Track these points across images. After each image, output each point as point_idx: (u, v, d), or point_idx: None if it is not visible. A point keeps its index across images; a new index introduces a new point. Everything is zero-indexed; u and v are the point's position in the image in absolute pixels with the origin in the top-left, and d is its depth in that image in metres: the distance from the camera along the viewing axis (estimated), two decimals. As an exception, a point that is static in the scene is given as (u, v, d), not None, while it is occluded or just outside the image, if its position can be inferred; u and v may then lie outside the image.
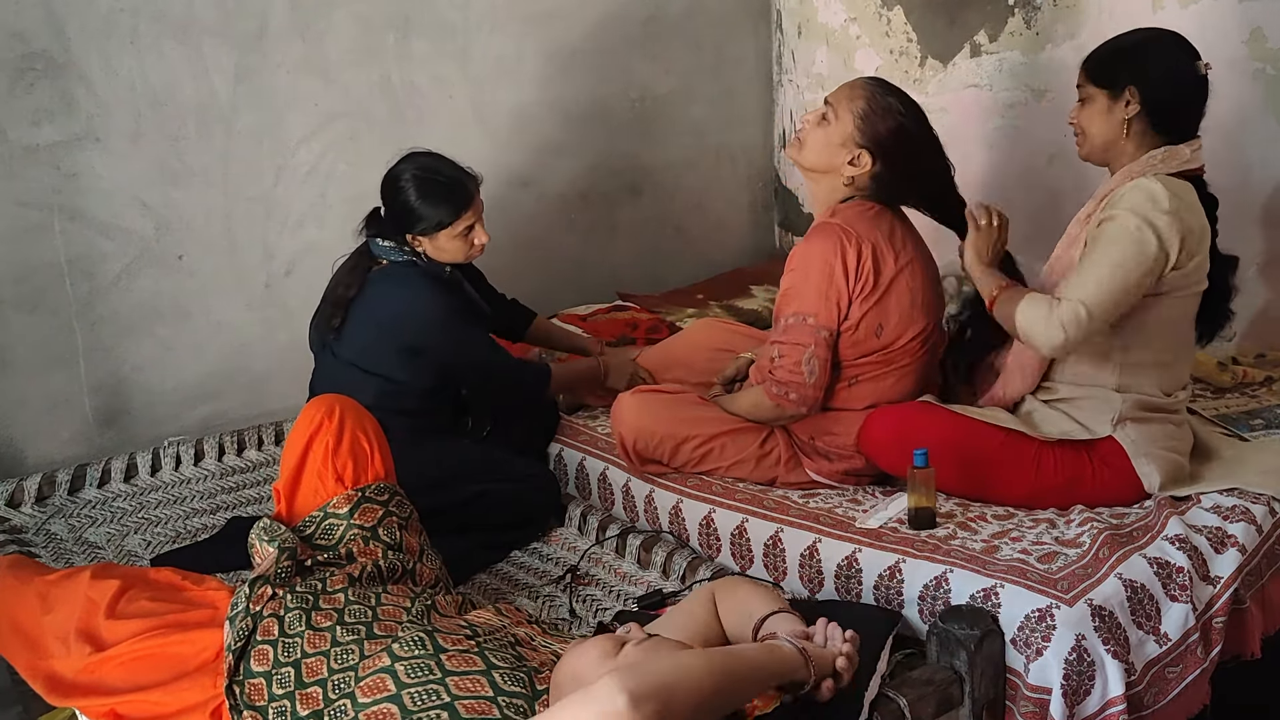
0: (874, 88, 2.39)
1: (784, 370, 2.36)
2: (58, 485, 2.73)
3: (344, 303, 2.58)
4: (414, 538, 2.08)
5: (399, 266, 2.58)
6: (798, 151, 2.44)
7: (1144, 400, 2.26)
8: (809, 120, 2.41)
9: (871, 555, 2.14)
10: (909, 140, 2.36)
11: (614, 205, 3.88)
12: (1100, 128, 2.27)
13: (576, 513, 2.53)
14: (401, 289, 2.55)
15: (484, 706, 1.54)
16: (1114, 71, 2.24)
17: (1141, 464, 2.23)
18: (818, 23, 3.93)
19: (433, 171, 2.56)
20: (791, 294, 2.38)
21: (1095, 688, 1.90)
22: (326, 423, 2.06)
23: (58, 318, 2.87)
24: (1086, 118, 2.29)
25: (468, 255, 2.62)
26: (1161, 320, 2.23)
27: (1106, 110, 2.25)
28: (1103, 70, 2.26)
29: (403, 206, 2.54)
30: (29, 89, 2.75)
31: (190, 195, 3.01)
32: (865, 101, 2.35)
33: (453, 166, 2.58)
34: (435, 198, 2.53)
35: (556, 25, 3.60)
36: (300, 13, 3.09)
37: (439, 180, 2.55)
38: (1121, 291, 2.13)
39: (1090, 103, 2.28)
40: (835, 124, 2.37)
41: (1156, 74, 2.22)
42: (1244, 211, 3.03)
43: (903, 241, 2.40)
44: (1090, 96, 2.28)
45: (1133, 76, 2.22)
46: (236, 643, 1.75)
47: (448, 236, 2.55)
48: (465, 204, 2.55)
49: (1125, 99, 2.22)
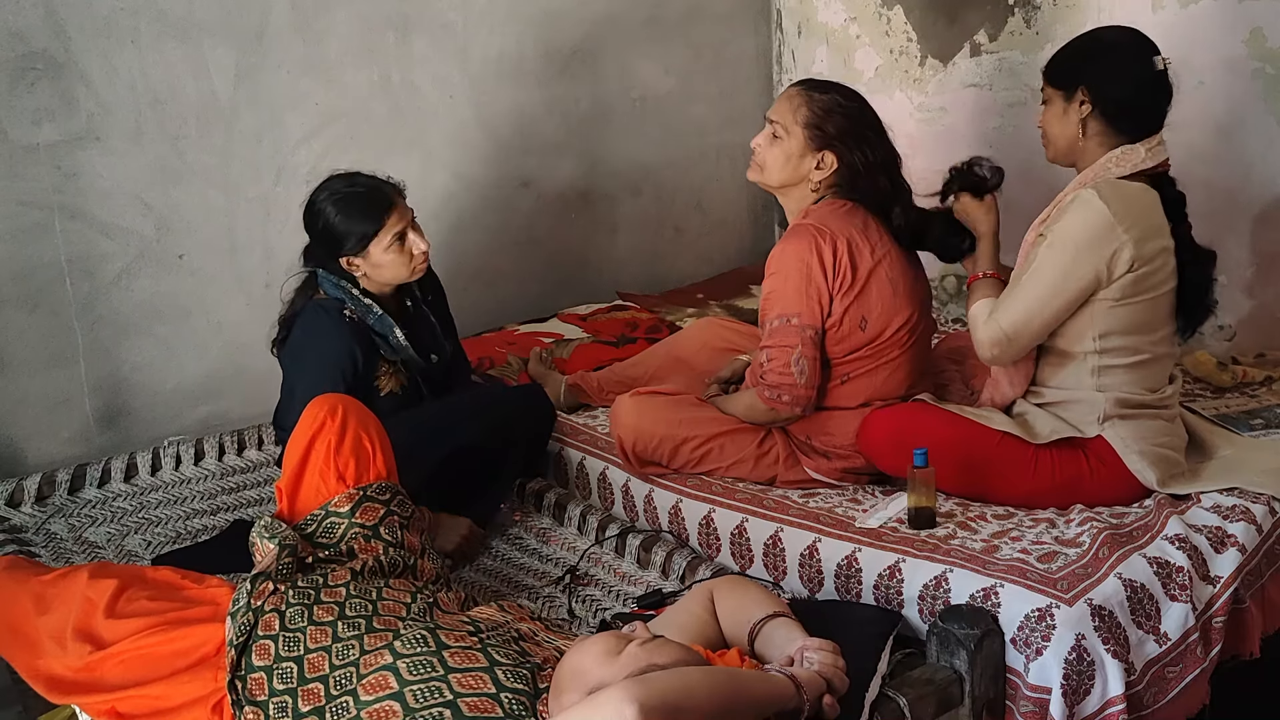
0: (810, 90, 2.41)
1: (774, 373, 2.37)
2: (58, 485, 2.73)
3: (285, 321, 2.53)
4: (415, 536, 2.08)
5: (322, 303, 2.48)
6: (759, 174, 2.45)
7: (1126, 398, 2.26)
8: (760, 143, 2.43)
9: (871, 555, 2.15)
10: (860, 124, 2.38)
11: (614, 205, 3.89)
12: (1059, 129, 2.29)
13: (576, 512, 2.53)
14: (308, 322, 2.46)
15: (487, 703, 1.54)
16: (1068, 72, 2.27)
17: (1134, 461, 2.23)
18: (818, 22, 3.93)
19: (347, 185, 2.48)
20: (774, 297, 2.38)
21: (1095, 687, 1.90)
22: (329, 422, 2.06)
23: (58, 317, 2.87)
24: (1047, 120, 2.32)
25: (411, 269, 2.49)
26: (1133, 322, 2.24)
27: (1063, 112, 2.27)
28: (1058, 71, 2.29)
29: (325, 230, 2.45)
30: (29, 89, 2.75)
31: (190, 195, 3.01)
32: (807, 107, 2.37)
33: (368, 177, 2.50)
34: (353, 211, 2.44)
35: (556, 25, 3.60)
36: (300, 13, 3.10)
37: (354, 193, 2.46)
38: (1043, 317, 2.22)
39: (1050, 105, 2.30)
40: (787, 138, 2.38)
41: (1107, 73, 2.23)
42: (1244, 211, 3.04)
43: (878, 234, 2.40)
44: (1049, 98, 2.30)
45: (1084, 76, 2.24)
46: (238, 638, 1.75)
47: (380, 250, 2.44)
48: (386, 209, 2.44)
49: (1079, 99, 2.24)
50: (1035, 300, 2.21)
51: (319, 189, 2.50)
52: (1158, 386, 2.31)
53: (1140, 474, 2.24)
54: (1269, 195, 3.00)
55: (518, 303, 3.63)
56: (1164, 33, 3.00)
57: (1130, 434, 2.24)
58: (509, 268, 3.65)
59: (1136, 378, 2.27)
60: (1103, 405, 2.25)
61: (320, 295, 2.50)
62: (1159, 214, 2.22)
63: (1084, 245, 2.16)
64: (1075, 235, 2.16)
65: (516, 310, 3.61)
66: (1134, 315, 2.23)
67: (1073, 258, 2.17)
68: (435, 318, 2.67)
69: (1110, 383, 2.26)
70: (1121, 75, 2.23)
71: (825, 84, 2.44)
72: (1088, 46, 2.30)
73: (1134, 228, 2.16)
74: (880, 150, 2.39)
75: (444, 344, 2.68)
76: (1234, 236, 3.03)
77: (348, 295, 2.49)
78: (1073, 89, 2.24)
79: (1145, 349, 2.27)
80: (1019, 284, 2.24)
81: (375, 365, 2.49)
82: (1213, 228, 3.07)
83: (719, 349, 2.86)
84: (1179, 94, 2.28)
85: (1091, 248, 2.16)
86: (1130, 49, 2.26)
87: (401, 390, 2.53)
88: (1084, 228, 2.16)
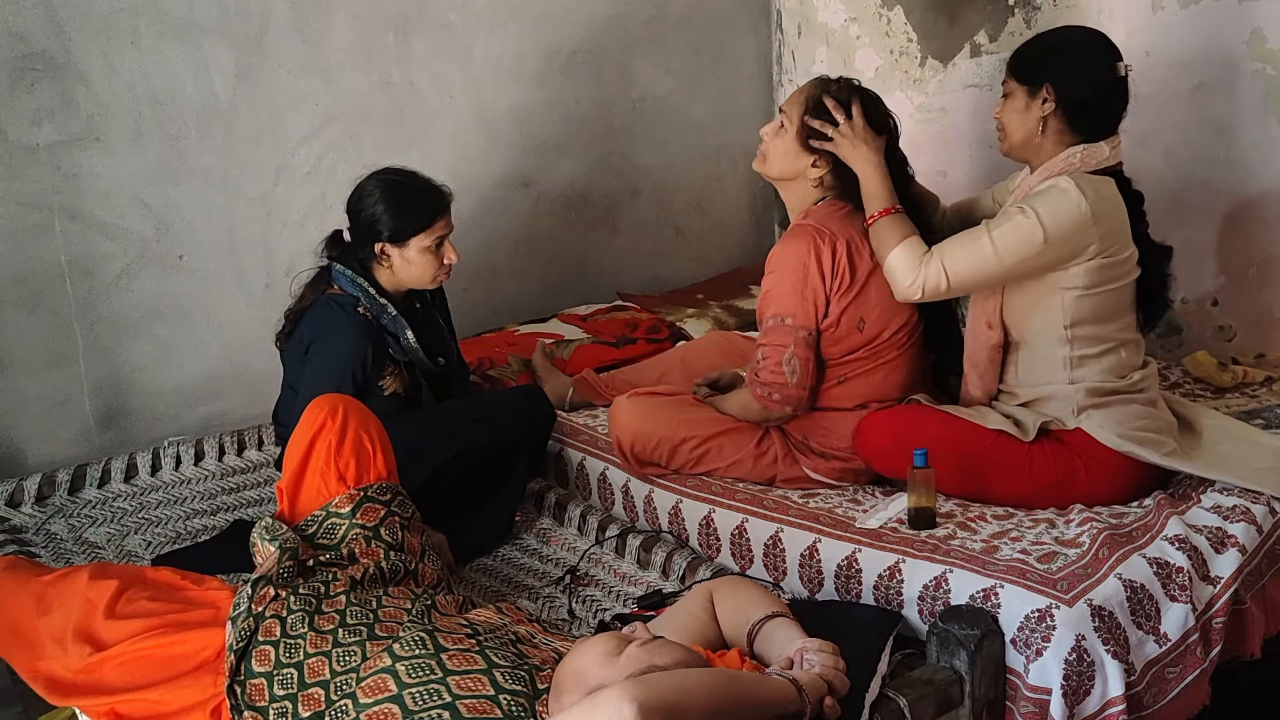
0: (817, 85, 2.41)
1: (766, 372, 2.37)
2: (58, 485, 2.73)
3: (294, 315, 2.53)
4: (416, 538, 2.08)
5: (336, 298, 2.48)
6: (763, 164, 2.46)
7: (1098, 387, 2.28)
8: (767, 132, 2.44)
9: (871, 555, 2.15)
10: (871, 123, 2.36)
11: (614, 205, 3.88)
12: (1018, 124, 2.30)
13: (576, 513, 2.53)
14: (323, 316, 2.46)
15: (485, 706, 1.54)
16: (1034, 69, 2.28)
17: (1120, 444, 2.24)
18: (818, 23, 3.93)
19: (408, 177, 2.52)
20: (770, 296, 2.39)
21: (1095, 688, 1.90)
22: (330, 422, 2.06)
23: (58, 318, 2.87)
24: (1007, 113, 2.32)
25: (436, 275, 2.53)
26: (1100, 311, 2.27)
27: (1024, 107, 2.28)
28: (1023, 67, 2.29)
29: (371, 215, 2.46)
30: (29, 89, 2.75)
31: (190, 195, 3.01)
32: (812, 100, 2.37)
33: (426, 179, 2.53)
34: (409, 202, 2.47)
35: (556, 25, 3.60)
36: (300, 13, 3.09)
37: (414, 186, 2.50)
38: (989, 270, 2.22)
39: (1011, 98, 2.31)
40: (791, 129, 2.39)
41: (1075, 74, 2.25)
42: (1244, 211, 3.03)
43: None
44: (1011, 92, 2.30)
45: (1051, 75, 2.25)
46: (238, 643, 1.75)
47: (418, 247, 2.47)
48: (439, 211, 2.49)
49: (1042, 96, 2.26)
50: (993, 259, 2.21)
51: (375, 174, 2.52)
52: (1127, 372, 2.32)
53: (1135, 454, 2.24)
54: (1269, 196, 3.00)
55: (518, 303, 3.63)
56: (1164, 33, 3.02)
57: (1107, 421, 2.26)
58: (509, 268, 3.65)
59: (1107, 365, 2.30)
60: (1076, 397, 2.27)
61: (334, 290, 2.51)
62: (1124, 209, 2.26)
63: (1057, 233, 2.18)
64: (1051, 220, 2.18)
65: (516, 310, 3.61)
66: (1101, 304, 2.26)
67: (1044, 238, 2.18)
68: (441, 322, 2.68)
69: (1082, 374, 2.28)
70: (1087, 76, 2.26)
71: (845, 83, 2.42)
72: (1055, 44, 2.32)
73: (1103, 221, 2.21)
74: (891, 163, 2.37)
75: (451, 348, 2.70)
76: (1234, 236, 3.03)
77: (363, 293, 2.49)
78: (1037, 85, 2.26)
79: (1112, 336, 2.30)
80: (975, 237, 2.23)
81: (383, 365, 2.49)
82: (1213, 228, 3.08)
83: (730, 359, 2.86)
84: (1179, 94, 2.28)
85: (1066, 237, 2.19)
86: (1096, 52, 2.28)
87: (404, 392, 2.54)
88: (1061, 216, 2.18)
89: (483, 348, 3.21)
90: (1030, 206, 2.21)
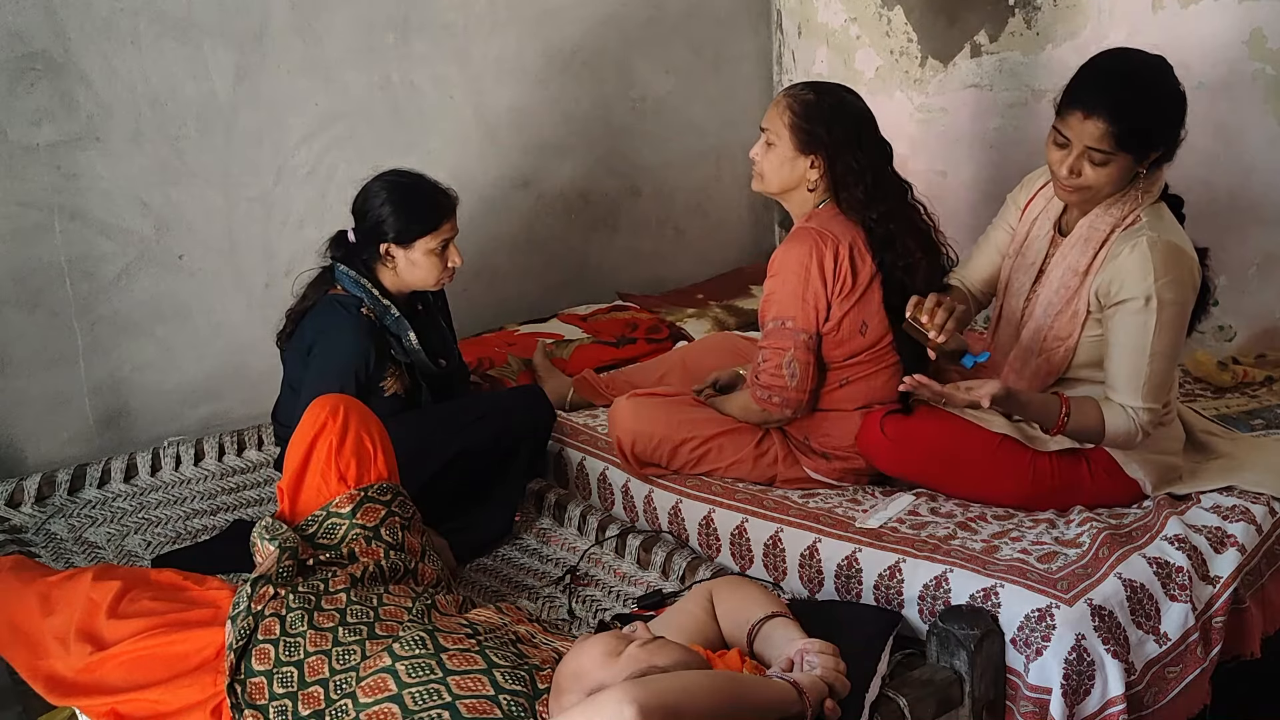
0: (794, 93, 2.41)
1: (766, 374, 2.38)
2: (58, 485, 2.73)
3: (296, 315, 2.54)
4: (416, 538, 2.08)
5: (339, 298, 2.48)
6: (761, 183, 2.46)
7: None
8: (757, 153, 2.43)
9: (871, 555, 2.15)
10: (842, 119, 2.36)
11: (614, 205, 3.89)
12: (1113, 184, 2.15)
13: (576, 513, 2.53)
14: (326, 316, 2.46)
15: (485, 706, 1.55)
16: (1146, 137, 2.11)
17: (1134, 470, 2.23)
18: (818, 23, 3.93)
19: (414, 180, 2.53)
20: (772, 299, 2.39)
21: (1095, 687, 1.90)
22: (330, 422, 2.07)
23: (58, 318, 2.87)
24: (1102, 179, 2.12)
25: (440, 278, 2.54)
26: None
27: (1128, 169, 2.13)
28: (1135, 139, 2.09)
29: (378, 216, 2.47)
30: (29, 89, 2.75)
31: (190, 195, 3.01)
32: (791, 111, 2.37)
33: (433, 182, 2.54)
34: (415, 204, 2.48)
35: (556, 25, 3.60)
36: (300, 13, 3.10)
37: (419, 189, 2.51)
38: (1171, 368, 2.17)
39: (1110, 164, 2.10)
40: (779, 144, 2.39)
41: (1175, 129, 2.14)
42: (1244, 211, 3.04)
43: None
44: (1110, 160, 2.10)
45: (1164, 139, 2.14)
46: (238, 642, 1.75)
47: (423, 250, 2.48)
48: (445, 214, 2.50)
49: (1151, 158, 2.15)
50: (1167, 362, 2.14)
51: (382, 175, 2.53)
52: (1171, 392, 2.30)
53: (1138, 479, 2.24)
54: (1269, 196, 3.00)
55: (518, 303, 3.64)
56: (1164, 33, 3.01)
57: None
58: (509, 268, 3.65)
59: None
60: None
61: (337, 290, 2.51)
62: None
63: (1190, 298, 2.15)
64: (1185, 283, 2.12)
65: (516, 310, 3.61)
66: None
67: (1184, 310, 2.14)
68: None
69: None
70: (1178, 124, 2.15)
71: (810, 85, 2.44)
72: (1159, 102, 2.12)
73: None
74: (867, 154, 2.35)
75: (452, 350, 2.70)
76: (1234, 236, 3.03)
77: (366, 294, 2.50)
78: (1146, 153, 2.12)
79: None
80: (1141, 355, 2.11)
81: (385, 365, 2.49)
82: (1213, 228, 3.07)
83: (730, 360, 2.86)
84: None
85: (1192, 297, 2.15)
86: (1178, 87, 2.15)
87: (405, 392, 2.54)
88: (1186, 284, 2.13)
89: (483, 348, 3.22)
90: (1165, 296, 2.09)
